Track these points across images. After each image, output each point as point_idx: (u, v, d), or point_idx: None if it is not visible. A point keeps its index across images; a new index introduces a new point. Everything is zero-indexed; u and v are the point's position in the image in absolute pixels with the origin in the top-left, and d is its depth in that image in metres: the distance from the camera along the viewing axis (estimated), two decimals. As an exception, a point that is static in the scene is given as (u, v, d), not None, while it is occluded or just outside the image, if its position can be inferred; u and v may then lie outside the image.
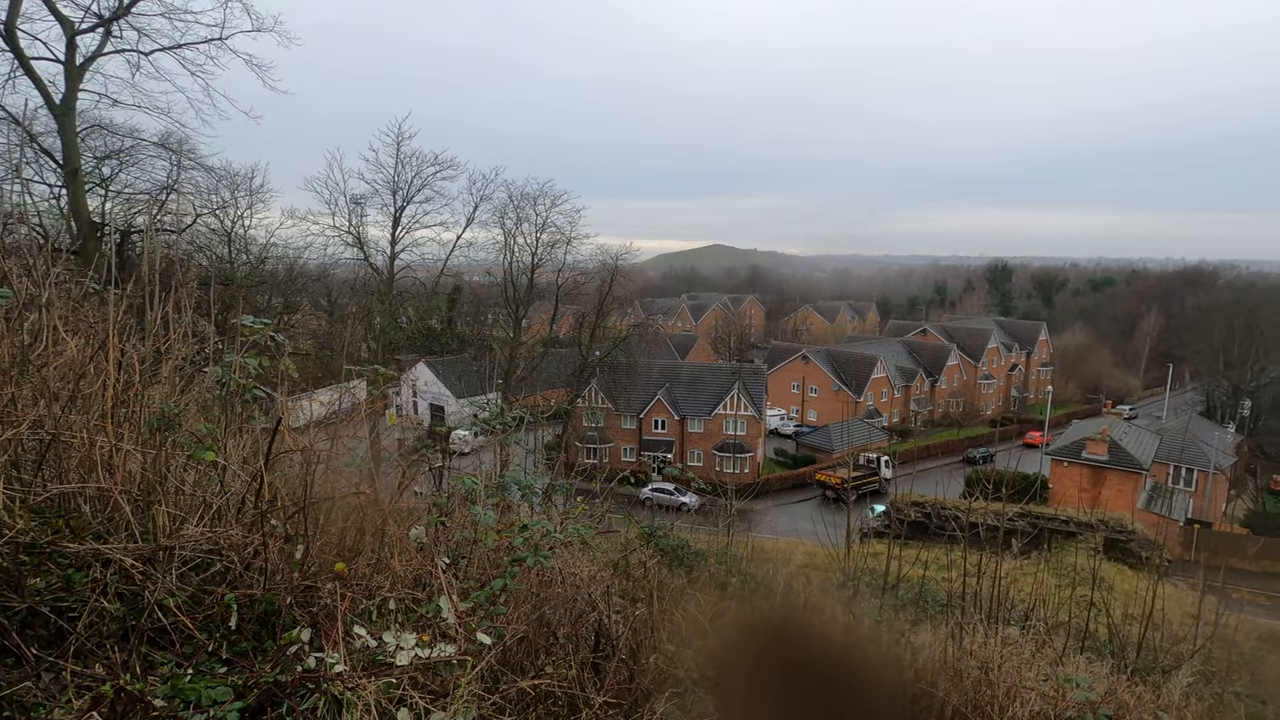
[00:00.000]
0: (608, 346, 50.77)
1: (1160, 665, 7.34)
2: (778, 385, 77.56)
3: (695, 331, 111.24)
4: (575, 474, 10.04)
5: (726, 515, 10.25)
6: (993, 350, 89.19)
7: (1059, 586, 12.84)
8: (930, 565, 11.57)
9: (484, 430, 8.21)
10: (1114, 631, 8.53)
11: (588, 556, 5.61)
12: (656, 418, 59.46)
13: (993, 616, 7.10)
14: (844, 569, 8.55)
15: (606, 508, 7.73)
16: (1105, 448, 45.09)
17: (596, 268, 49.50)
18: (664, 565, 6.79)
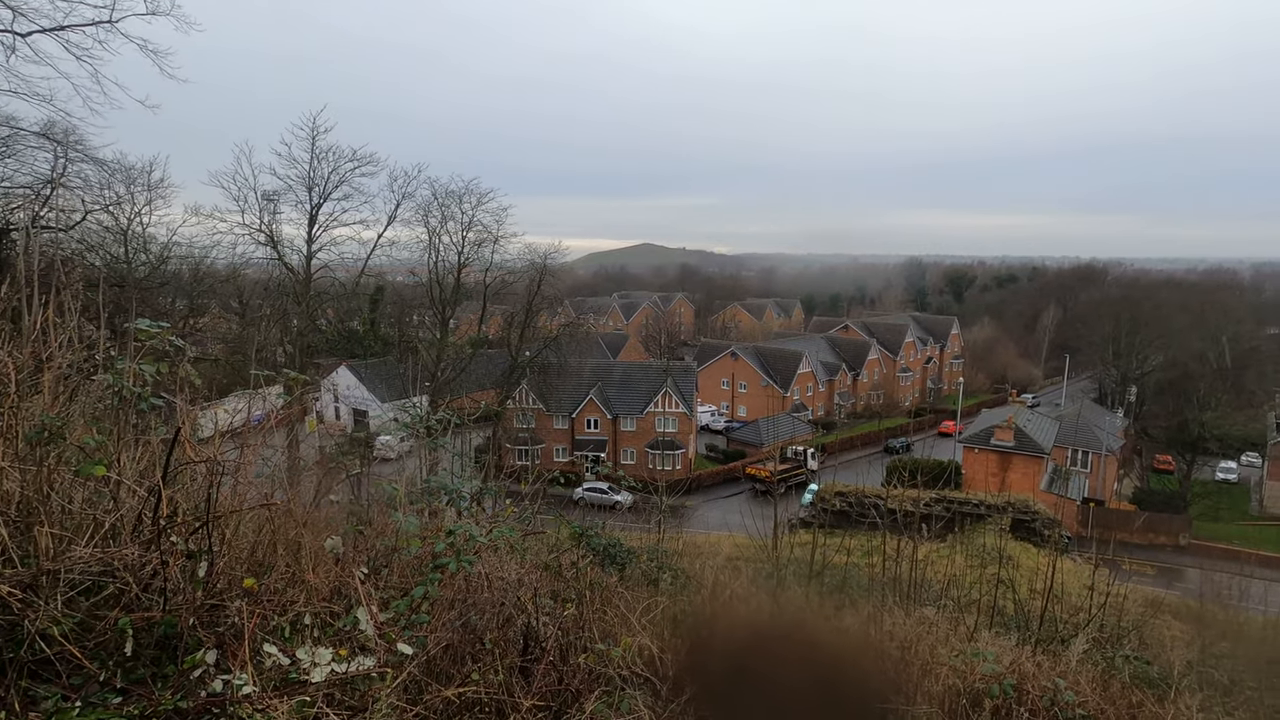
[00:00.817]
0: (538, 346, 50.27)
1: (1060, 635, 7.86)
2: (708, 382, 78.76)
3: (626, 330, 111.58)
4: (506, 476, 9.90)
5: (658, 512, 10.33)
6: (909, 344, 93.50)
7: (971, 567, 13.59)
8: (854, 552, 12.03)
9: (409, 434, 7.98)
10: (1020, 606, 9.09)
11: (517, 559, 5.54)
12: (589, 417, 59.34)
13: (911, 598, 7.44)
14: (772, 560, 8.77)
15: (536, 509, 7.65)
16: (1011, 434, 48.09)
17: (525, 267, 48.91)
18: (596, 565, 6.79)
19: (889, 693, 4.35)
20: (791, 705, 4.07)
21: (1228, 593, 12.72)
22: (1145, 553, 43.49)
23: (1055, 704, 3.90)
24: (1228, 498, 59.44)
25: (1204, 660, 8.54)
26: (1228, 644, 9.73)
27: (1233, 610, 12.13)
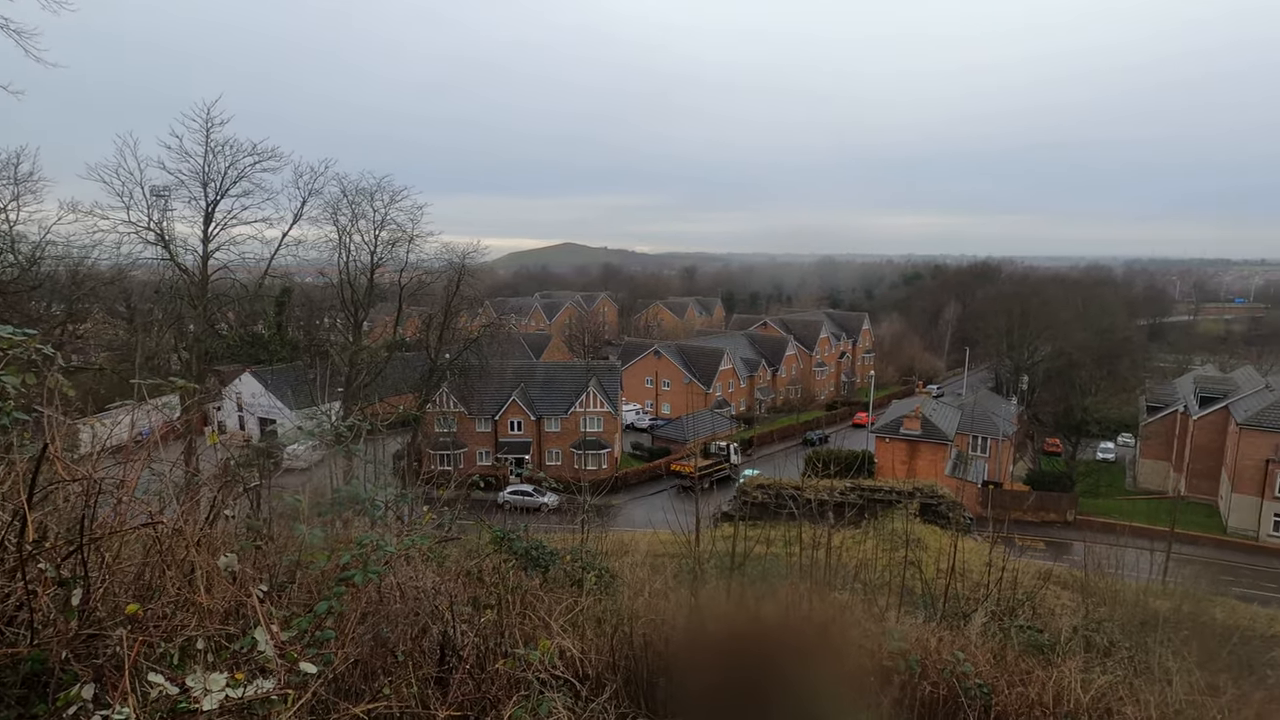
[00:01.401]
0: (458, 348, 49.05)
1: (962, 610, 8.32)
2: (632, 380, 79.15)
3: (549, 330, 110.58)
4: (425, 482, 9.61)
5: (583, 512, 10.30)
6: (824, 340, 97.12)
7: (883, 550, 14.24)
8: (775, 542, 12.39)
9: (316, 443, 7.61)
10: (926, 586, 9.60)
11: (434, 567, 5.39)
12: (512, 419, 58.48)
13: (827, 584, 7.72)
14: (695, 554, 8.92)
15: (456, 515, 7.48)
16: (918, 424, 50.80)
17: (443, 267, 47.59)
18: (519, 568, 6.70)
19: (805, 676, 4.50)
20: (713, 695, 4.15)
21: (1107, 563, 13.86)
22: (1037, 529, 46.97)
23: (955, 675, 4.15)
24: (1107, 475, 65.01)
25: (1087, 625, 9.23)
26: (1106, 609, 10.62)
27: (1111, 578, 13.21)
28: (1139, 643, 7.90)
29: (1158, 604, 10.08)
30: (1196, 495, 54.36)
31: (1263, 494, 47.29)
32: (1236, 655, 6.74)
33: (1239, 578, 38.21)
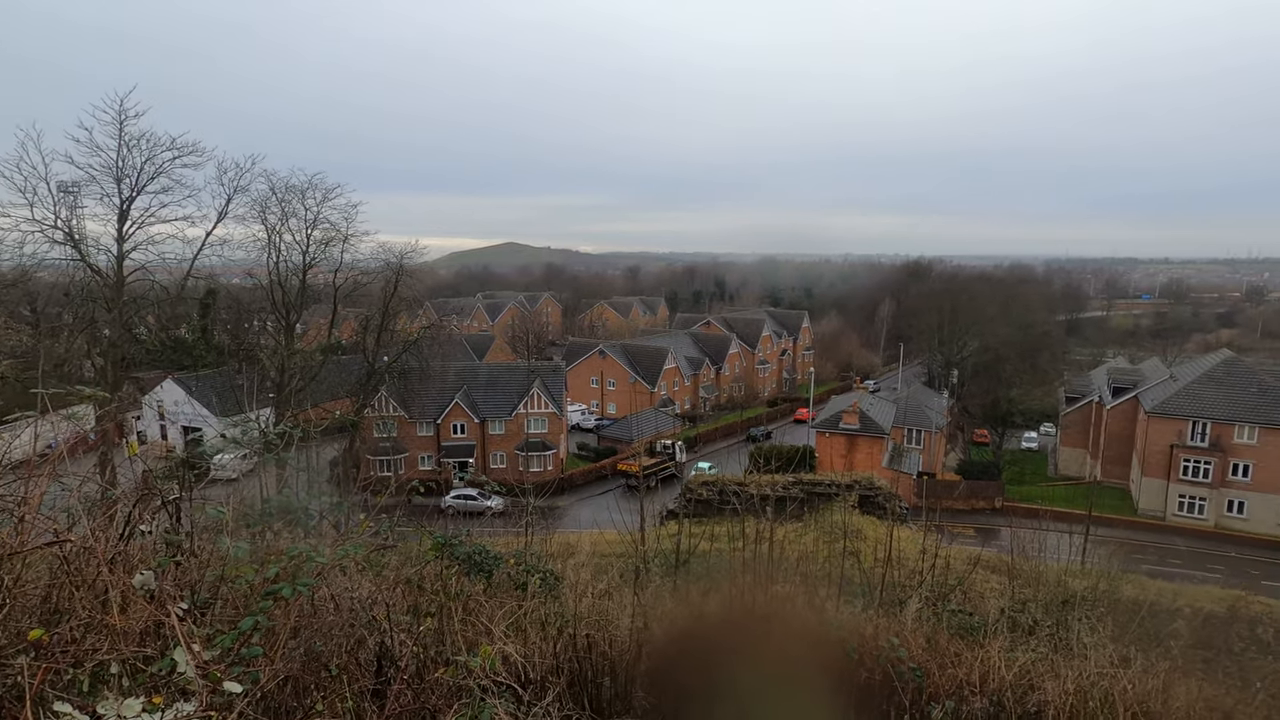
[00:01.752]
0: (397, 350, 47.77)
1: (898, 598, 8.60)
2: (577, 381, 78.80)
3: (492, 331, 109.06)
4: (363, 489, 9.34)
5: (530, 514, 10.19)
6: (766, 338, 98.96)
7: (824, 543, 14.60)
8: (720, 538, 12.54)
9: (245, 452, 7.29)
10: (864, 575, 9.90)
11: (372, 577, 5.24)
12: (455, 422, 57.38)
13: (769, 577, 7.87)
14: (640, 554, 8.95)
15: (394, 522, 7.29)
16: (856, 418, 52.36)
17: (380, 267, 46.22)
18: (462, 574, 6.58)
19: (748, 670, 4.58)
20: (658, 693, 4.18)
21: (1031, 546, 14.55)
22: (968, 517, 49.08)
23: (890, 660, 4.30)
24: (1030, 463, 68.55)
25: (1012, 607, 9.68)
26: (1031, 591, 11.18)
27: (1034, 561, 13.87)
28: (1060, 620, 8.36)
29: (1076, 584, 10.67)
30: (1111, 480, 57.88)
31: (1168, 477, 50.75)
32: (1145, 628, 7.21)
33: (1148, 556, 40.88)
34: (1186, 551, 44.60)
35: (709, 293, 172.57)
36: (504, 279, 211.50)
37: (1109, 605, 8.75)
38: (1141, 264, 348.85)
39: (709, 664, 4.20)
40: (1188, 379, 53.48)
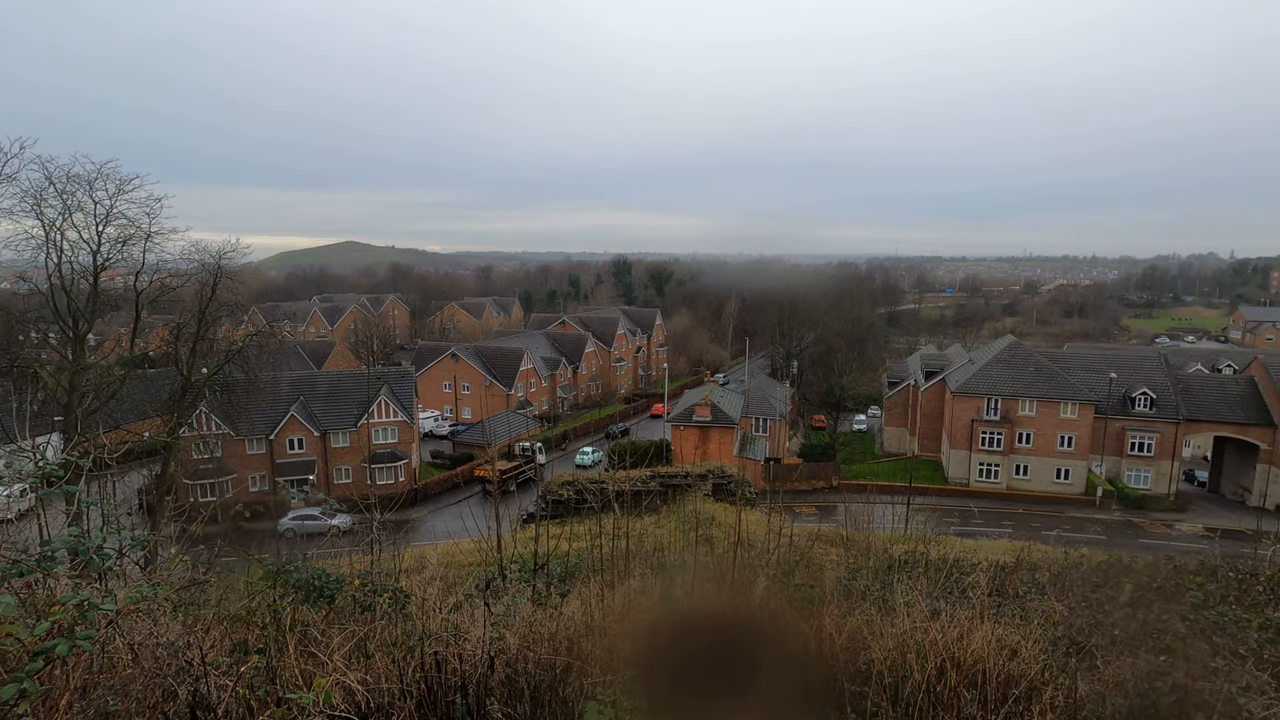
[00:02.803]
0: (218, 361, 42.96)
1: (747, 578, 9.07)
2: (428, 386, 75.57)
3: (332, 336, 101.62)
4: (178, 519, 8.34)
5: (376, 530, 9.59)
6: (621, 336, 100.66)
7: (681, 532, 15.11)
8: (581, 538, 12.57)
9: (21, 486, 6.18)
10: (717, 560, 10.36)
11: (185, 618, 4.68)
12: (292, 436, 52.78)
13: (627, 571, 8.00)
14: (496, 561, 8.75)
15: (215, 553, 6.57)
16: (708, 411, 54.75)
17: (195, 269, 41.23)
18: (299, 602, 6.07)
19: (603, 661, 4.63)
20: (515, 702, 4.10)
21: (862, 519, 15.91)
22: (810, 496, 53.14)
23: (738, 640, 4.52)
24: (860, 444, 75.51)
25: (848, 576, 10.57)
26: (862, 559, 12.31)
27: (865, 533, 15.22)
28: (885, 584, 9.28)
29: (899, 549, 11.84)
30: (927, 454, 65.24)
31: (970, 447, 58.10)
32: (951, 583, 8.19)
33: (956, 518, 46.58)
34: (985, 512, 51.35)
35: (564, 292, 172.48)
36: (344, 280, 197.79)
37: (924, 566, 9.83)
38: (945, 262, 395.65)
39: (567, 666, 4.19)
40: (982, 362, 61.49)
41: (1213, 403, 57.03)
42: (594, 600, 6.13)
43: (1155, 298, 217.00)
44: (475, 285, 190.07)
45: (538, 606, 5.99)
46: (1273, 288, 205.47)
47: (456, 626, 4.53)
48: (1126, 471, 56.96)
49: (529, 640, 4.55)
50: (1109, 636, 5.55)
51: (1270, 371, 56.62)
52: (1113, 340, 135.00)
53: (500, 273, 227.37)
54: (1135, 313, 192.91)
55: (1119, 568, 10.11)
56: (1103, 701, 4.42)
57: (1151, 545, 39.18)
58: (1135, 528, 49.06)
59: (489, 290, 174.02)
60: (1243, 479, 56.90)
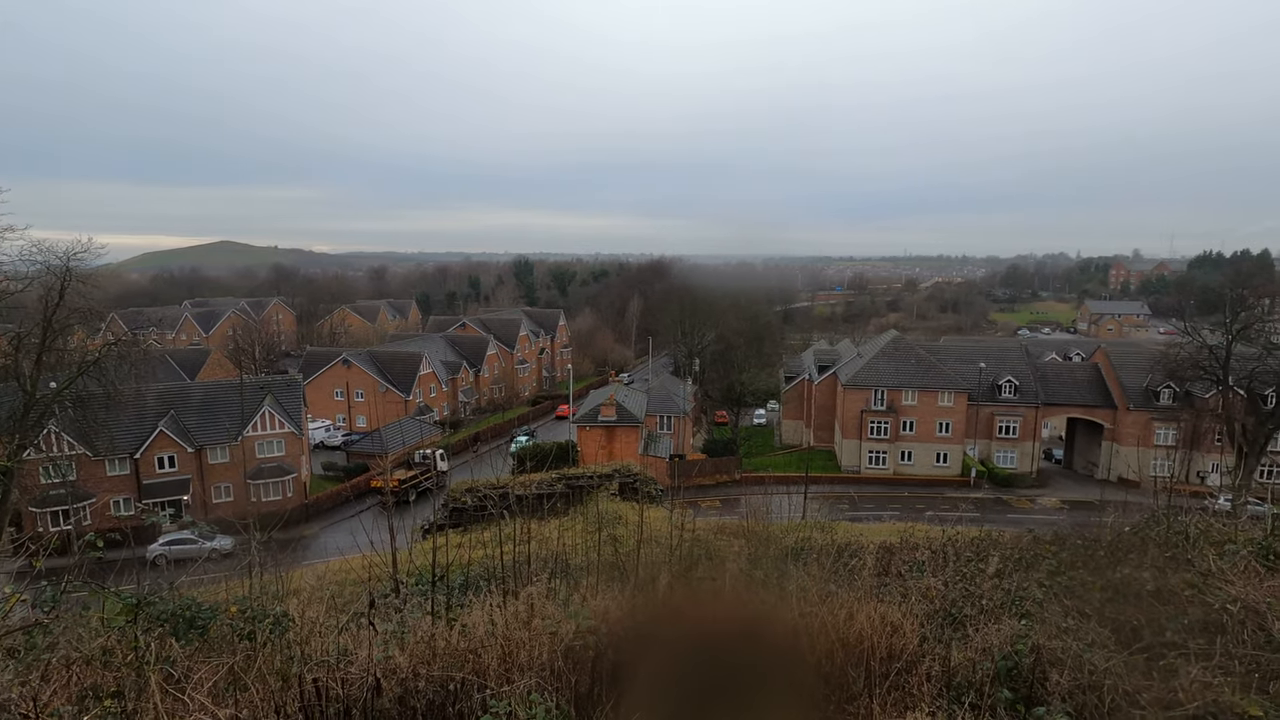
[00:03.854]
0: (70, 374, 38.68)
1: (652, 575, 9.16)
2: (319, 394, 71.53)
3: (207, 343, 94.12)
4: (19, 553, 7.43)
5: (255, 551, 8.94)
6: (524, 337, 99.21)
7: (588, 532, 15.06)
8: (486, 544, 12.26)
9: None
10: (619, 559, 10.41)
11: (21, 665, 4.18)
12: (161, 454, 48.36)
13: (529, 577, 7.87)
14: (392, 575, 8.38)
15: (64, 588, 5.91)
16: (613, 410, 54.97)
17: (38, 271, 36.92)
18: (167, 636, 5.56)
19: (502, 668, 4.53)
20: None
21: (762, 509, 16.41)
22: (715, 490, 54.50)
23: (638, 637, 4.55)
24: (760, 437, 78.28)
25: (749, 566, 10.88)
26: (762, 548, 12.73)
27: (765, 522, 15.74)
28: (783, 571, 9.65)
29: (788, 538, 12.33)
30: (822, 444, 68.49)
31: (860, 437, 61.55)
32: (842, 565, 8.63)
33: (848, 504, 49.23)
34: (875, 496, 54.58)
35: (464, 294, 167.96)
36: (220, 283, 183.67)
37: (819, 551, 10.30)
38: (835, 262, 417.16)
39: (465, 680, 4.06)
40: (869, 356, 65.29)
41: (1065, 388, 63.36)
42: (496, 609, 5.99)
43: (1017, 294, 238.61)
44: (368, 287, 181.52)
45: (437, 620, 5.79)
46: (1112, 283, 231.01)
47: (343, 649, 4.29)
48: (996, 453, 62.24)
49: (425, 657, 4.37)
50: (979, 606, 6.02)
51: (1111, 359, 63.61)
52: (982, 333, 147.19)
53: (395, 274, 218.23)
54: (1000, 307, 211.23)
55: (988, 542, 11.01)
56: (973, 667, 4.78)
57: (1018, 519, 42.98)
58: (1004, 504, 53.71)
59: (383, 292, 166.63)
60: (1091, 455, 63.58)
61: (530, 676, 4.00)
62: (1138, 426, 59.16)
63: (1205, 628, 5.07)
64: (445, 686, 3.87)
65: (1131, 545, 7.86)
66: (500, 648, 4.79)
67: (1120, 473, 57.87)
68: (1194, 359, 53.52)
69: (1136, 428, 59.19)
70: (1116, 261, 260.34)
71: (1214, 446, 55.82)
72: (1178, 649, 4.77)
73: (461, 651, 4.95)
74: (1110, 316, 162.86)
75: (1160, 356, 57.56)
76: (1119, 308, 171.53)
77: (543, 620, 4.66)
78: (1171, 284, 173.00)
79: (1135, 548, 7.70)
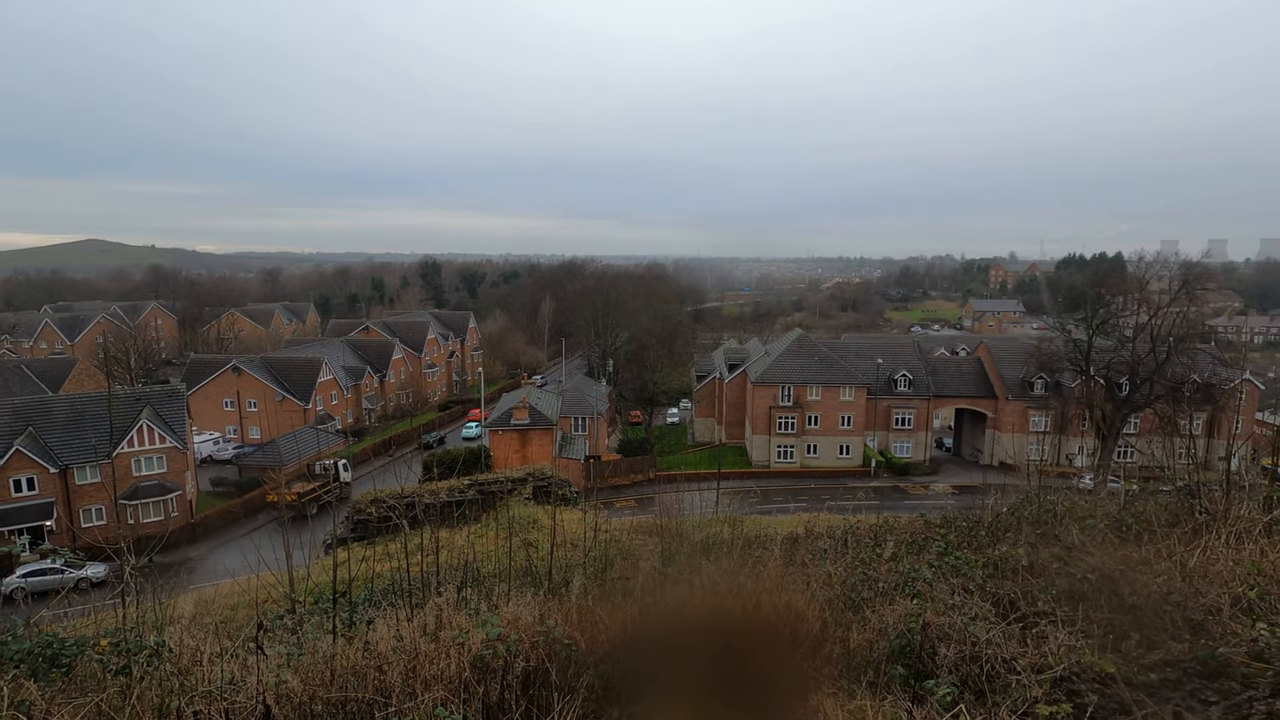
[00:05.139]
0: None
1: (565, 578, 9.10)
2: (206, 405, 66.60)
3: (73, 352, 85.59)
4: None
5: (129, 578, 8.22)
6: (432, 340, 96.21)
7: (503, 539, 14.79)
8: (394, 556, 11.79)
9: None
10: (533, 564, 10.28)
11: None
12: (18, 476, 43.57)
13: (439, 588, 7.64)
14: (288, 595, 7.91)
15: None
16: (527, 413, 54.22)
17: None
18: (23, 678, 5.03)
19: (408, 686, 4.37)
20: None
21: (675, 507, 16.62)
22: (630, 490, 54.86)
23: (546, 642, 4.51)
24: (674, 435, 79.45)
25: (663, 562, 11.01)
26: (675, 545, 12.92)
27: (678, 520, 15.96)
28: (695, 565, 9.82)
29: (697, 534, 12.58)
30: (733, 440, 70.31)
31: (769, 432, 63.64)
32: (751, 557, 8.90)
33: (759, 498, 50.77)
34: (784, 489, 56.60)
35: (367, 296, 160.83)
36: (87, 285, 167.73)
37: (728, 544, 10.56)
38: (743, 263, 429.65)
39: (366, 700, 3.88)
40: (776, 354, 67.61)
41: (953, 381, 68.00)
42: (403, 623, 5.77)
43: (909, 293, 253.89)
44: (261, 290, 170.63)
45: (339, 639, 5.51)
46: (992, 283, 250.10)
47: (231, 677, 4.01)
48: (894, 443, 65.97)
49: (322, 679, 4.15)
50: (875, 589, 6.36)
51: (992, 353, 68.83)
52: (879, 330, 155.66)
53: (292, 275, 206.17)
54: (895, 306, 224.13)
55: (885, 528, 11.66)
56: (871, 647, 5.04)
57: (913, 505, 45.76)
58: (901, 491, 57.04)
59: (278, 295, 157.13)
60: (977, 443, 68.56)
61: (437, 690, 3.87)
62: (1016, 415, 64.34)
63: (1070, 596, 5.58)
64: (344, 708, 3.69)
65: (1008, 525, 8.54)
66: (406, 663, 4.62)
67: (1001, 458, 62.70)
68: (1062, 352, 58.91)
69: (1015, 416, 64.35)
70: (996, 263, 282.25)
71: (1080, 431, 61.52)
72: (1047, 617, 5.22)
73: (364, 670, 4.74)
74: (991, 314, 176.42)
75: (1033, 350, 62.93)
76: (998, 305, 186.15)
77: (451, 631, 4.53)
78: (1042, 283, 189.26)
79: (1011, 527, 8.37)
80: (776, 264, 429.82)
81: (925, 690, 4.31)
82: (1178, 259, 68.10)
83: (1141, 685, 4.15)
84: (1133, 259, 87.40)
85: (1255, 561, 5.61)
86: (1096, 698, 4.01)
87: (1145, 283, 60.16)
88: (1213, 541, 6.30)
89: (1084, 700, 4.00)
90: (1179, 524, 7.26)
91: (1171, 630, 4.86)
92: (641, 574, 9.91)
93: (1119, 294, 61.43)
